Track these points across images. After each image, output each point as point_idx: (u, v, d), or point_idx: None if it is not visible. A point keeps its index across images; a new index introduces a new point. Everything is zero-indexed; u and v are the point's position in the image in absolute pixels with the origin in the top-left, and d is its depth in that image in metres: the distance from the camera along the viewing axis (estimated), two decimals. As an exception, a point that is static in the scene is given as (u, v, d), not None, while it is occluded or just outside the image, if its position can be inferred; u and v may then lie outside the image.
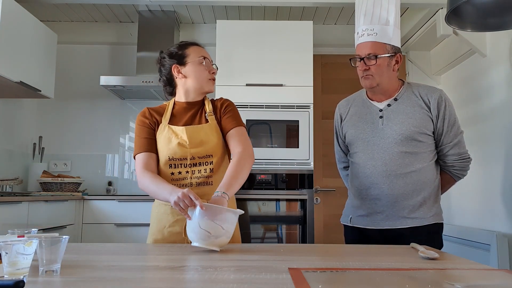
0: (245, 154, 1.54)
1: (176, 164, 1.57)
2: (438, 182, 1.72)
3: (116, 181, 3.82)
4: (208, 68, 1.65)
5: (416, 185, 1.64)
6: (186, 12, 3.70)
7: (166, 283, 0.85)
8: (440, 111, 1.67)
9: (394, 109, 1.70)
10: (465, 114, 3.34)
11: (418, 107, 1.68)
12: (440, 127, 1.67)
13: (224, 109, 1.66)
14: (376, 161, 1.68)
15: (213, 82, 1.68)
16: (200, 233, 1.23)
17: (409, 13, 3.58)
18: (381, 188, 1.67)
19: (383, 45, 1.68)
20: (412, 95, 1.71)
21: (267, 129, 3.26)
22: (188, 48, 1.65)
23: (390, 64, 1.70)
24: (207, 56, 1.67)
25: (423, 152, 1.66)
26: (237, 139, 1.59)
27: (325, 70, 3.88)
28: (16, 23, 2.80)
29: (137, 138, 1.61)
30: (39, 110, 3.85)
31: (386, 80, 1.70)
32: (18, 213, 2.48)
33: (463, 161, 1.70)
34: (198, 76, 1.63)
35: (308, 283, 0.83)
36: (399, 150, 1.65)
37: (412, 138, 1.65)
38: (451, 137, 1.67)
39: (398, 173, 1.65)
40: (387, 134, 1.68)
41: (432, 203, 1.68)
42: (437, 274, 0.95)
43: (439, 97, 1.68)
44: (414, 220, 1.64)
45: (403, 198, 1.65)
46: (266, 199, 3.15)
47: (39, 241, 0.87)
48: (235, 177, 1.46)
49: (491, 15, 1.71)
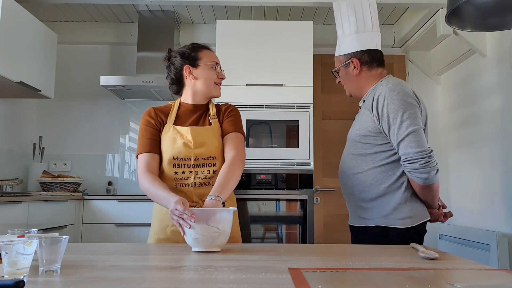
0: (236, 159, 1.56)
1: (180, 164, 1.58)
2: (393, 184, 1.59)
3: (116, 181, 3.82)
4: (218, 74, 1.68)
5: (363, 186, 1.63)
6: (186, 12, 3.71)
7: (166, 283, 0.85)
8: (378, 110, 1.58)
9: (359, 112, 1.74)
10: (464, 114, 3.34)
11: (366, 109, 1.65)
12: (383, 127, 1.58)
13: (228, 113, 1.68)
14: (340, 162, 1.79)
15: (219, 88, 1.71)
16: (197, 239, 1.23)
17: (409, 13, 3.58)
18: (341, 187, 1.79)
19: (337, 58, 1.81)
20: (371, 96, 1.66)
21: (267, 129, 3.26)
22: (202, 51, 1.68)
23: (349, 72, 1.75)
24: (218, 62, 1.71)
25: (371, 154, 1.62)
26: (232, 143, 1.61)
27: (325, 70, 3.88)
28: (16, 23, 2.80)
29: (141, 138, 1.62)
30: (39, 110, 3.85)
31: (354, 87, 1.78)
32: (18, 213, 2.48)
33: (409, 163, 1.51)
34: (208, 80, 1.66)
35: (308, 283, 0.83)
36: (348, 152, 1.72)
37: (356, 141, 1.67)
38: (395, 137, 1.54)
39: (347, 174, 1.70)
40: (348, 137, 1.77)
41: (382, 206, 1.59)
42: (437, 274, 0.95)
43: (379, 96, 1.59)
44: (363, 220, 1.65)
45: (354, 198, 1.69)
46: (266, 199, 3.15)
47: (39, 241, 0.87)
48: (227, 181, 1.48)
49: (491, 15, 1.71)
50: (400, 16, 3.69)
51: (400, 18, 3.73)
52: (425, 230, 1.63)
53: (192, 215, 1.23)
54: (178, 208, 1.27)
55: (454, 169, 3.47)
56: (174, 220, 1.28)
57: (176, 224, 1.28)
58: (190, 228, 1.23)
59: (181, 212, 1.26)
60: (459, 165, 3.40)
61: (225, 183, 1.47)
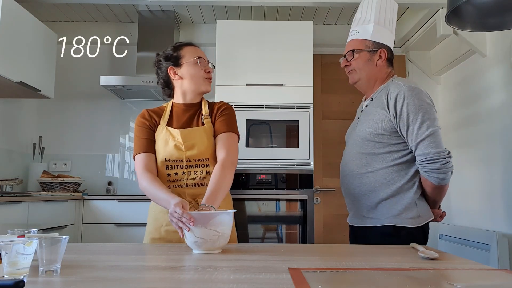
0: (227, 162, 1.53)
1: (172, 166, 1.58)
2: (405, 184, 1.60)
3: (116, 181, 3.82)
4: (204, 67, 1.65)
5: (373, 185, 1.62)
6: (186, 12, 3.70)
7: (166, 283, 0.85)
8: (397, 109, 1.57)
9: (367, 111, 1.71)
10: (464, 114, 3.34)
11: (380, 107, 1.63)
12: (400, 127, 1.58)
13: (220, 112, 1.65)
14: (344, 161, 1.76)
15: (209, 82, 1.67)
16: (197, 241, 1.23)
17: (409, 13, 3.58)
18: (345, 187, 1.75)
19: (363, 41, 1.73)
20: (383, 94, 1.65)
21: (267, 129, 3.26)
22: (183, 49, 1.65)
23: (372, 59, 1.71)
24: (202, 55, 1.67)
25: (382, 154, 1.62)
26: (223, 143, 1.58)
27: (325, 70, 3.88)
28: (16, 23, 2.80)
29: (137, 139, 1.62)
30: (39, 110, 3.85)
31: (367, 75, 1.72)
32: (18, 213, 2.48)
33: (428, 163, 1.53)
34: (194, 77, 1.63)
35: (308, 283, 0.83)
36: (356, 151, 1.69)
37: (368, 139, 1.64)
38: (414, 137, 1.54)
39: (354, 173, 1.68)
40: (354, 135, 1.73)
41: (392, 205, 1.60)
42: (437, 274, 0.95)
43: (397, 95, 1.57)
44: (372, 220, 1.64)
45: (361, 198, 1.67)
46: (266, 199, 3.15)
47: (39, 241, 0.87)
48: (218, 188, 1.46)
49: (491, 15, 1.71)
50: (400, 16, 3.69)
51: (400, 18, 3.73)
52: (428, 229, 1.64)
53: (191, 219, 1.22)
54: (177, 211, 1.27)
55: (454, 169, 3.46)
56: (173, 223, 1.28)
57: (175, 227, 1.27)
58: (189, 231, 1.23)
59: (179, 215, 1.25)
60: (459, 165, 3.39)
61: (217, 190, 1.45)
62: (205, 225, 1.22)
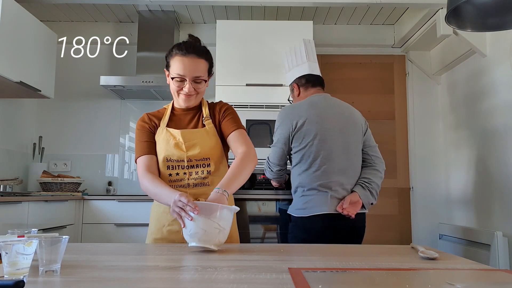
0: (248, 154, 1.54)
1: (173, 166, 1.58)
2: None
3: (116, 181, 3.82)
4: (179, 88, 1.56)
5: None
6: (186, 12, 3.70)
7: (166, 283, 0.85)
8: None
9: None
10: (465, 114, 3.34)
11: None
12: None
13: (223, 113, 1.65)
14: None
15: (188, 98, 1.58)
16: (196, 233, 1.23)
17: (409, 13, 3.58)
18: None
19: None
20: None
21: (267, 129, 3.25)
22: (173, 58, 1.57)
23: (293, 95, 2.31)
24: (186, 73, 1.54)
25: None
26: (240, 140, 1.58)
27: (325, 70, 3.88)
28: (16, 23, 2.80)
29: (138, 142, 1.62)
30: (39, 110, 3.85)
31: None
32: (18, 213, 2.48)
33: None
34: (173, 90, 1.60)
35: (308, 283, 0.83)
36: None
37: None
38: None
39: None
40: None
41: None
42: (437, 274, 0.95)
43: None
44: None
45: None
46: (266, 199, 3.15)
47: (39, 241, 0.87)
48: (236, 175, 1.45)
49: (491, 15, 1.71)
50: (400, 16, 3.69)
51: (400, 18, 3.73)
52: None
53: (196, 207, 1.23)
54: (182, 199, 1.27)
55: (454, 169, 3.47)
56: (175, 212, 1.28)
57: (176, 216, 1.28)
58: (191, 221, 1.23)
59: (184, 204, 1.25)
60: (459, 165, 3.39)
61: (234, 177, 1.44)
62: (209, 216, 1.22)
